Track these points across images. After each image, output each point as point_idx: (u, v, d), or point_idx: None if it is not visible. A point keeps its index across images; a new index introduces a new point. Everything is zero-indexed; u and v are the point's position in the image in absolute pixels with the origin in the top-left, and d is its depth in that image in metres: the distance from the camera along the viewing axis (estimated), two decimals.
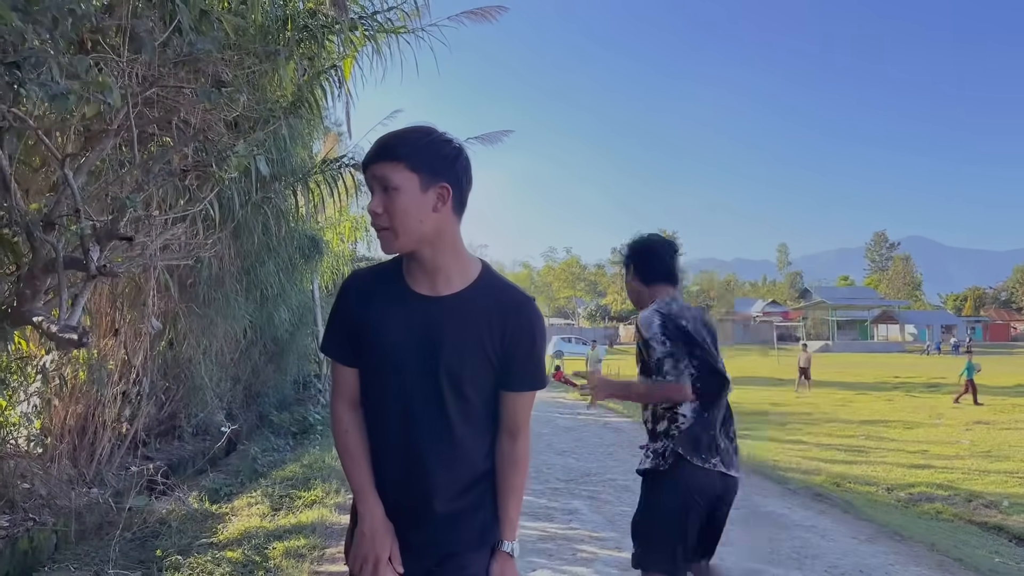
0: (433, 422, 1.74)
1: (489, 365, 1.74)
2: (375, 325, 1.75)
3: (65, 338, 3.57)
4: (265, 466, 7.88)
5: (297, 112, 7.86)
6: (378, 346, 1.75)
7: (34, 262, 3.84)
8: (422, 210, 1.64)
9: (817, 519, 5.85)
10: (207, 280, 7.41)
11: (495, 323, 1.73)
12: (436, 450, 1.75)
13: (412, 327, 1.73)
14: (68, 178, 3.45)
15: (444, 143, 1.70)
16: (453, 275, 1.75)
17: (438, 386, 1.72)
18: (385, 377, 1.76)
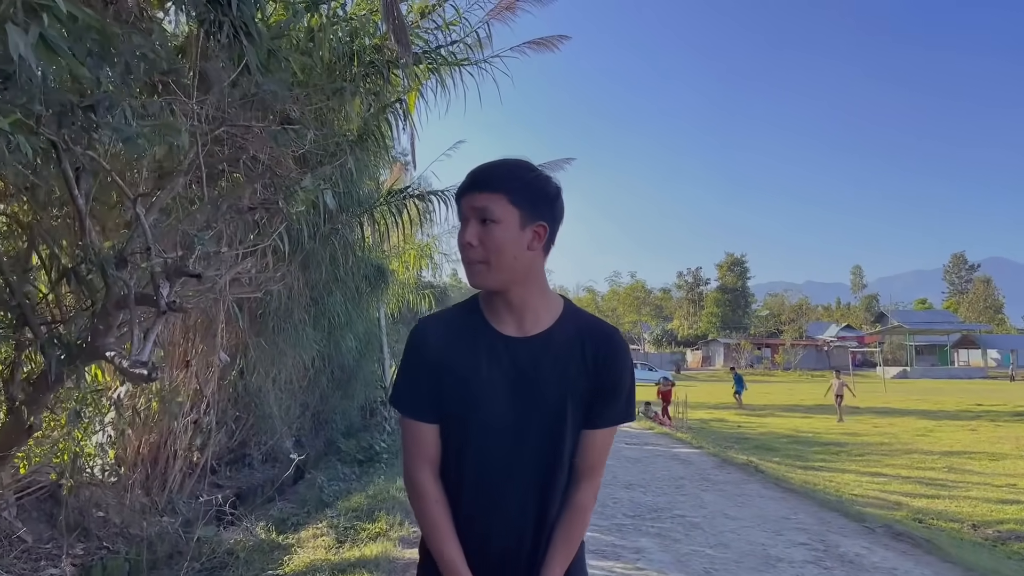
0: (537, 477, 1.66)
1: (584, 400, 1.66)
2: (461, 372, 1.64)
3: (135, 373, 3.63)
4: (331, 495, 7.91)
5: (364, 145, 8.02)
6: (466, 396, 1.64)
7: (107, 298, 3.93)
8: (518, 247, 1.59)
9: (899, 560, 5.55)
10: (276, 311, 7.53)
11: (588, 357, 1.66)
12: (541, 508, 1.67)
13: (504, 372, 1.64)
14: (140, 216, 3.53)
15: (546, 181, 1.66)
16: (541, 313, 1.68)
17: (543, 435, 1.64)
18: (476, 431, 1.64)
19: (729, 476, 9.65)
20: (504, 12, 8.00)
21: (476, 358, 1.66)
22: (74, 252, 4.19)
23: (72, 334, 4.16)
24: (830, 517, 6.96)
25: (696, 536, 6.14)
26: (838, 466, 11.95)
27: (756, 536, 6.17)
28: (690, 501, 7.74)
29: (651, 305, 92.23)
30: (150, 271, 3.56)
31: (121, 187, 3.37)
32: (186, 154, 3.73)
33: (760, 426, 18.96)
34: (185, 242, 3.55)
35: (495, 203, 1.58)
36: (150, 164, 4.03)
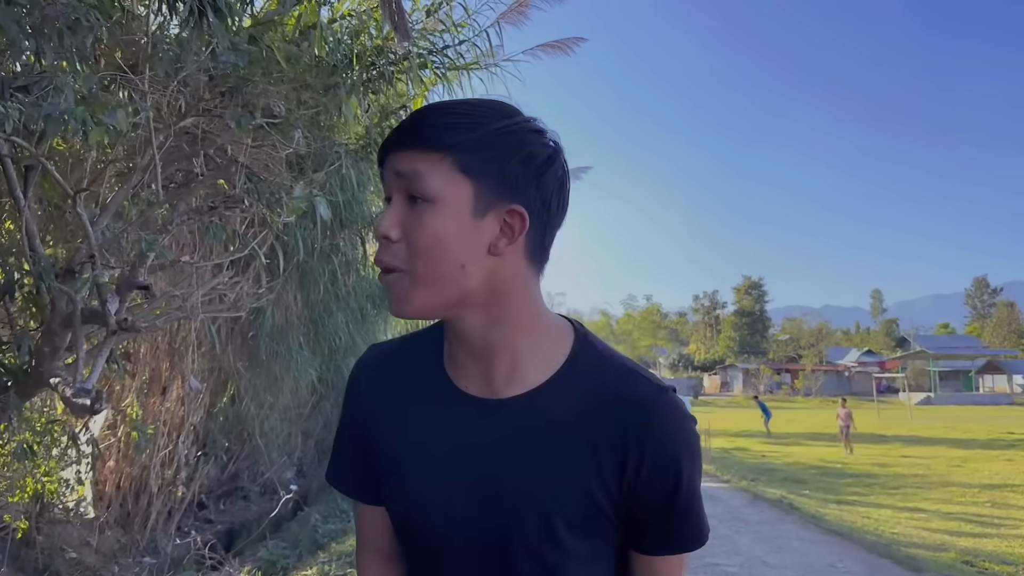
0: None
1: (603, 520, 0.98)
2: (397, 452, 1.05)
3: (78, 403, 3.08)
4: (326, 536, 7.33)
5: (367, 155, 7.55)
6: (403, 490, 1.04)
7: (52, 315, 3.40)
8: (469, 247, 0.92)
9: None
10: (270, 333, 7.01)
11: (607, 453, 0.95)
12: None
13: (453, 460, 1.00)
14: (82, 217, 2.99)
15: (531, 134, 0.95)
16: (523, 359, 0.99)
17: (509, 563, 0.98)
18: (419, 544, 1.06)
19: (763, 515, 9.02)
20: (515, 13, 7.60)
21: (416, 424, 1.04)
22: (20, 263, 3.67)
23: (18, 358, 3.64)
24: (880, 564, 6.33)
25: None
26: (872, 500, 11.38)
27: None
28: (723, 546, 7.07)
29: (667, 329, 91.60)
30: (94, 283, 3.01)
31: (58, 181, 2.83)
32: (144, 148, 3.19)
33: (785, 455, 18.36)
34: (138, 250, 3.00)
35: (431, 167, 0.90)
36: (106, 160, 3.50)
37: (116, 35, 3.09)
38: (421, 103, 7.40)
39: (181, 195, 3.35)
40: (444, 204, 0.90)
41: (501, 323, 0.97)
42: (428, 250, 0.90)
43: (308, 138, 5.22)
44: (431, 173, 0.90)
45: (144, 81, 2.89)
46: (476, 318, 0.96)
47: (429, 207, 0.90)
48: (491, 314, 0.96)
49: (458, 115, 0.93)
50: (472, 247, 0.91)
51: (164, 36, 3.45)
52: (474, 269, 0.92)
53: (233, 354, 6.89)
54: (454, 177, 0.90)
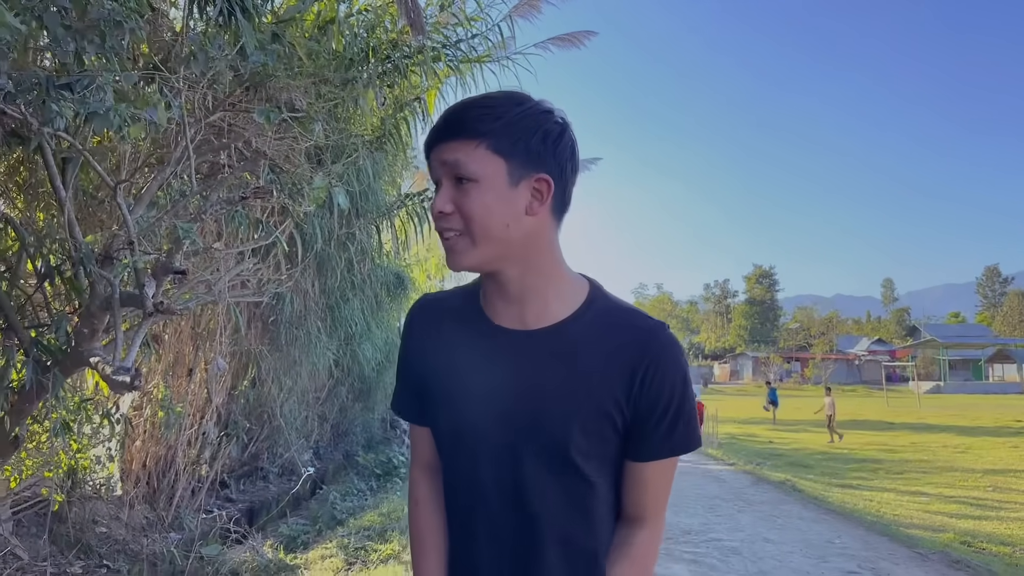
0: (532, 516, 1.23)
1: (611, 427, 1.21)
2: (442, 374, 1.30)
3: (117, 381, 3.30)
4: (344, 512, 7.55)
5: (382, 147, 7.73)
6: (447, 404, 1.29)
7: (91, 299, 3.62)
8: (510, 211, 1.17)
9: None
10: (289, 318, 7.23)
11: (619, 370, 1.20)
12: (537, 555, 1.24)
13: (493, 377, 1.24)
14: (121, 207, 3.20)
15: (544, 115, 1.20)
16: (550, 300, 1.25)
17: (538, 463, 1.22)
18: (461, 448, 1.28)
19: (765, 495, 9.20)
20: (527, 7, 7.72)
21: (461, 358, 1.29)
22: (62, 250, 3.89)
23: (57, 339, 3.87)
24: (877, 541, 6.49)
25: (734, 563, 5.71)
26: (876, 484, 11.49)
27: (800, 563, 5.72)
28: (726, 523, 7.29)
29: (678, 318, 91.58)
30: (133, 268, 3.22)
31: (100, 173, 3.04)
32: (176, 141, 3.41)
33: (792, 441, 18.50)
34: (173, 237, 3.22)
35: (471, 154, 1.16)
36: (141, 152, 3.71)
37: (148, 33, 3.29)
38: (435, 95, 7.59)
39: (212, 186, 3.56)
40: (485, 180, 1.15)
41: (534, 270, 1.23)
42: (480, 217, 1.16)
43: (327, 130, 5.42)
44: (471, 158, 1.15)
45: (179, 79, 3.09)
46: (515, 269, 1.22)
47: (474, 185, 1.15)
48: (527, 263, 1.22)
49: (484, 108, 1.17)
50: (512, 210, 1.17)
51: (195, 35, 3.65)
52: (516, 227, 1.18)
53: (254, 338, 7.10)
54: (490, 158, 1.15)
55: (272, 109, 3.21)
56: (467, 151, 1.15)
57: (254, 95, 4.42)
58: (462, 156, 1.16)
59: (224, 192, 3.51)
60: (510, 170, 1.16)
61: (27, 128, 2.88)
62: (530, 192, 1.18)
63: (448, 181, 1.19)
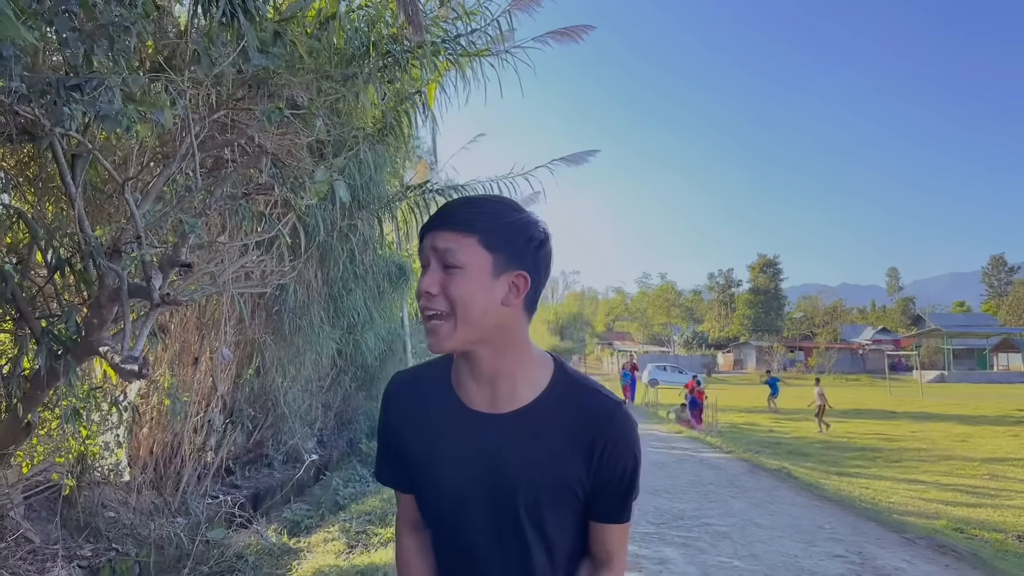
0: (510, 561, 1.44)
1: (575, 498, 1.41)
2: (420, 452, 1.47)
3: (126, 369, 3.45)
4: (346, 498, 7.71)
5: (382, 139, 7.83)
6: (427, 481, 1.47)
7: (100, 291, 3.76)
8: (489, 299, 1.32)
9: (943, 575, 5.21)
10: (293, 308, 7.36)
11: (579, 448, 1.38)
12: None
13: (467, 458, 1.41)
14: (129, 202, 3.34)
15: (530, 224, 1.37)
16: (518, 383, 1.41)
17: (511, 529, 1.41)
18: (442, 518, 1.48)
19: (760, 482, 9.32)
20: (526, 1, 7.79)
21: (438, 435, 1.45)
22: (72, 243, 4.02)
23: (68, 328, 4.01)
24: (867, 527, 6.63)
25: (724, 546, 5.86)
26: (874, 472, 11.59)
27: (788, 547, 5.86)
28: (718, 508, 7.43)
29: (681, 307, 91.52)
30: (140, 261, 3.37)
31: (109, 170, 3.18)
32: (180, 138, 3.54)
33: (793, 431, 18.57)
34: (179, 231, 3.35)
35: (463, 245, 1.31)
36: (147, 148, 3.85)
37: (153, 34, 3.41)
38: (435, 88, 7.69)
39: (216, 181, 3.69)
40: (471, 269, 1.30)
41: (504, 355, 1.38)
42: (463, 301, 1.30)
43: (328, 125, 5.53)
44: (462, 248, 1.30)
45: (183, 80, 3.21)
46: (488, 351, 1.37)
47: (460, 272, 1.30)
48: (498, 348, 1.37)
49: (482, 209, 1.35)
50: (490, 299, 1.31)
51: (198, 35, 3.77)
52: (492, 314, 1.32)
53: (259, 328, 7.23)
54: (478, 251, 1.30)
55: (274, 108, 3.34)
56: (459, 242, 1.31)
57: (256, 92, 4.54)
58: (454, 246, 1.31)
59: (228, 188, 3.64)
60: (494, 264, 1.31)
61: (39, 127, 3.02)
62: (508, 286, 1.33)
63: (437, 265, 1.33)
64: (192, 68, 3.39)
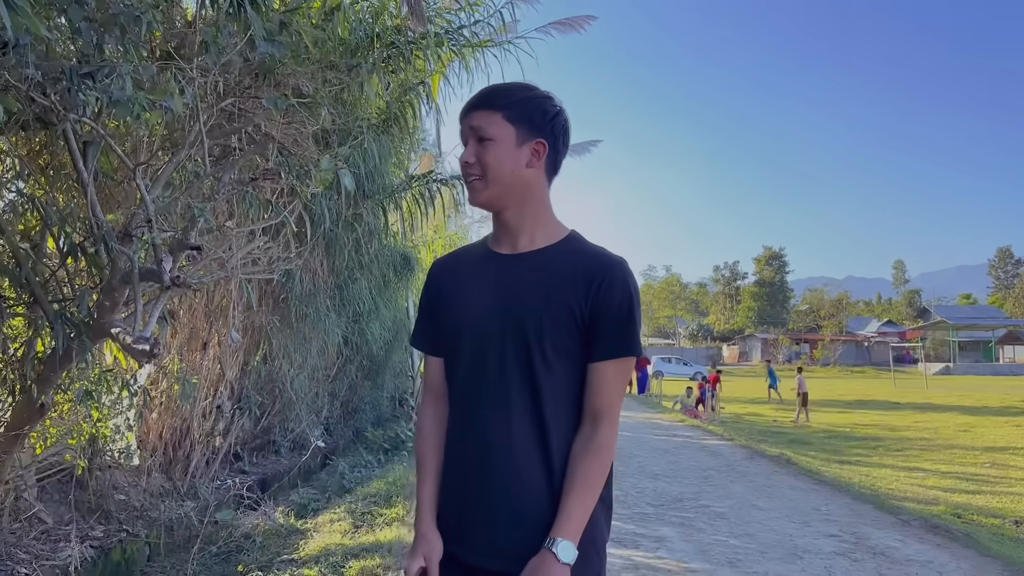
0: (515, 396, 1.58)
1: (576, 328, 1.58)
2: (451, 294, 1.72)
3: (138, 349, 3.55)
4: (352, 482, 7.84)
5: (387, 130, 7.92)
6: (453, 315, 1.70)
7: (112, 274, 3.87)
8: (515, 163, 1.62)
9: (934, 554, 5.30)
10: (299, 296, 7.46)
11: (580, 280, 1.59)
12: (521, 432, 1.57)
13: (487, 287, 1.66)
14: (140, 188, 3.45)
15: (545, 99, 1.68)
16: (537, 234, 1.68)
17: (519, 351, 1.59)
18: (461, 349, 1.66)
19: (759, 468, 9.41)
20: None
21: (466, 279, 1.71)
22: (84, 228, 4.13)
23: (80, 311, 4.12)
24: (863, 509, 6.72)
25: (720, 526, 5.96)
26: (875, 461, 11.58)
27: (784, 527, 5.97)
28: (717, 491, 7.53)
29: (687, 300, 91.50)
30: (151, 245, 3.47)
31: (121, 157, 3.29)
32: (189, 125, 3.65)
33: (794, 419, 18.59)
34: (188, 215, 3.46)
35: (491, 121, 1.62)
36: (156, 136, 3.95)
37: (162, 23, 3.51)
38: (439, 80, 7.79)
39: (223, 168, 3.80)
40: (499, 140, 1.61)
41: (526, 209, 1.66)
42: (494, 165, 1.61)
43: (333, 114, 5.63)
44: (490, 123, 1.61)
45: (193, 68, 3.32)
46: (514, 207, 1.66)
47: (491, 142, 1.61)
48: (522, 204, 1.66)
49: (504, 90, 1.69)
50: (516, 162, 1.62)
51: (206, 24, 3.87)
52: (518, 175, 1.63)
53: (266, 314, 7.33)
54: (503, 124, 1.61)
55: (280, 96, 3.44)
56: (488, 119, 1.62)
57: (263, 81, 4.64)
58: (484, 123, 1.62)
59: (235, 174, 3.74)
60: (517, 134, 1.61)
61: (54, 114, 3.13)
62: (530, 152, 1.63)
63: (473, 140, 1.64)
64: (201, 57, 3.49)
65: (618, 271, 1.59)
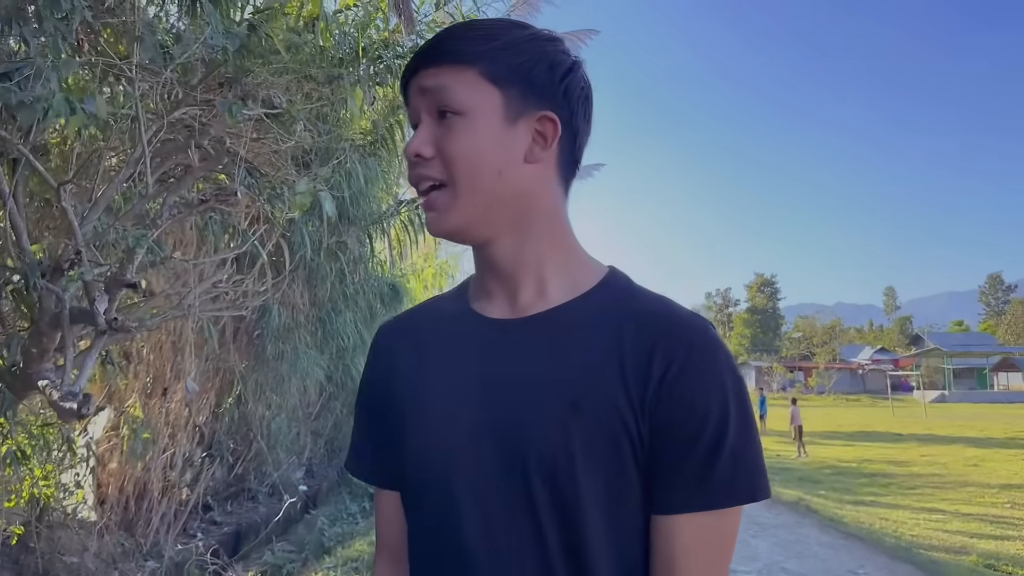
0: (514, 565, 0.86)
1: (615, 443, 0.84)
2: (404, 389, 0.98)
3: (65, 407, 2.93)
4: (332, 539, 7.17)
5: (374, 151, 7.41)
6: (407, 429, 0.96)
7: (41, 315, 3.25)
8: (504, 154, 0.89)
9: None
10: (275, 332, 6.87)
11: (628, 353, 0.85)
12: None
13: (464, 379, 0.93)
14: (68, 212, 2.83)
15: (551, 43, 0.93)
16: (549, 279, 0.94)
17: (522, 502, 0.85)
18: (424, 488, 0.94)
19: (780, 518, 8.82)
20: (525, 6, 7.45)
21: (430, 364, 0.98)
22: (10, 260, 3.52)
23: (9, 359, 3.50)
24: (902, 570, 6.12)
25: None
26: (890, 500, 11.14)
27: None
28: (740, 550, 6.88)
29: None
30: (80, 280, 2.86)
31: (41, 173, 2.68)
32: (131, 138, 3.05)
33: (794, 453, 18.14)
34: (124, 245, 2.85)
35: (460, 81, 0.89)
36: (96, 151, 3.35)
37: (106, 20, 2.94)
38: None
39: (169, 188, 3.19)
40: (475, 114, 0.88)
41: (531, 238, 0.93)
42: (466, 160, 0.88)
43: (312, 132, 5.07)
44: (458, 85, 0.88)
45: (132, 68, 2.72)
46: (508, 237, 0.93)
47: (460, 119, 0.88)
48: (521, 227, 0.93)
49: (478, 30, 0.92)
50: (507, 154, 0.89)
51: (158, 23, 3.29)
52: (510, 176, 0.90)
53: (239, 353, 6.76)
54: (482, 86, 0.88)
55: (235, 103, 2.84)
56: (454, 76, 0.89)
57: (228, 91, 4.06)
58: (447, 81, 0.89)
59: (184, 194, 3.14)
60: (506, 103, 0.89)
61: None
62: (531, 134, 0.91)
63: (429, 117, 0.91)
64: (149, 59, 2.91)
65: (706, 348, 0.85)
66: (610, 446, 0.83)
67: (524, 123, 0.90)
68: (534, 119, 0.90)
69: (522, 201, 0.91)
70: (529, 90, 0.89)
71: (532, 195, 0.92)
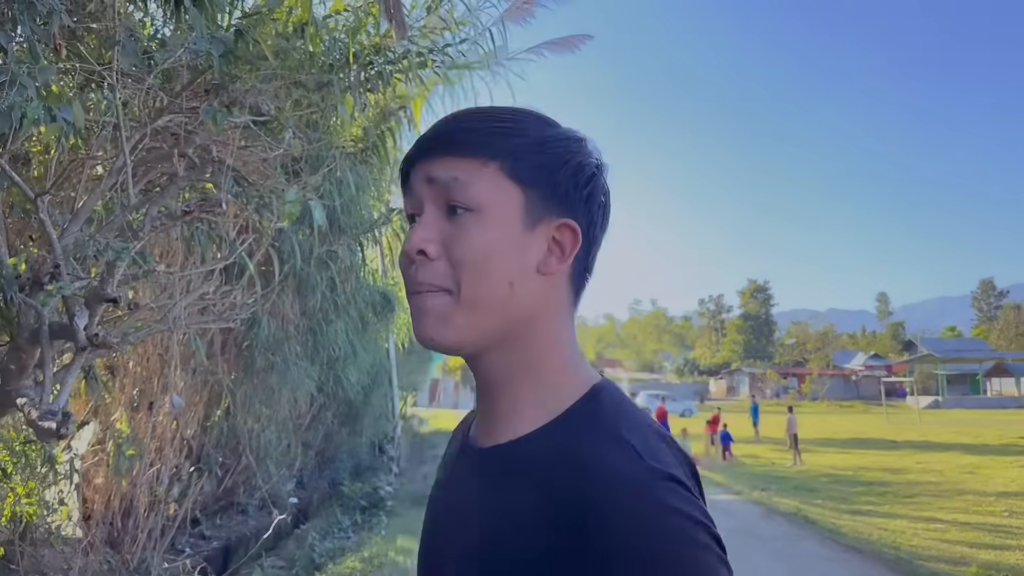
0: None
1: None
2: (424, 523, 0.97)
3: (43, 427, 2.82)
4: (323, 555, 7.04)
5: (366, 159, 7.33)
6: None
7: (19, 331, 3.14)
8: (518, 263, 0.79)
9: None
10: (265, 343, 6.76)
11: (548, 513, 0.71)
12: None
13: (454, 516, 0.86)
14: (45, 224, 2.72)
15: (578, 144, 0.84)
16: (522, 404, 0.82)
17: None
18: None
19: (778, 530, 8.74)
20: (519, 11, 7.37)
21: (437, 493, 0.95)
22: None
23: None
24: None
25: None
26: (887, 510, 11.12)
27: None
28: (740, 567, 6.71)
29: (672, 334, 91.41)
30: (59, 294, 2.74)
31: (18, 183, 2.57)
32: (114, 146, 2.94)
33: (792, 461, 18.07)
34: (105, 257, 2.74)
35: (479, 176, 0.79)
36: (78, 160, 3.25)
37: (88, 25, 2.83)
38: (422, 103, 7.17)
39: (151, 198, 3.09)
40: (491, 214, 0.79)
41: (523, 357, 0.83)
42: (476, 265, 0.78)
43: (301, 139, 4.98)
44: (477, 180, 0.79)
45: (112, 74, 2.61)
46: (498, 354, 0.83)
47: (474, 216, 0.79)
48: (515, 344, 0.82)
49: (501, 120, 0.82)
50: (521, 262, 0.80)
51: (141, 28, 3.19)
52: (522, 288, 0.80)
53: (227, 365, 6.64)
54: (503, 184, 0.79)
55: (219, 110, 2.74)
56: (472, 170, 0.79)
57: (214, 98, 3.96)
58: (464, 175, 0.79)
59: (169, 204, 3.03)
60: (527, 205, 0.80)
61: None
62: (547, 243, 0.81)
63: (436, 210, 0.81)
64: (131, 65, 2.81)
65: (626, 501, 0.66)
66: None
67: (542, 230, 0.81)
68: (553, 226, 0.81)
69: (527, 316, 0.81)
70: (551, 194, 0.81)
71: (538, 311, 0.82)
